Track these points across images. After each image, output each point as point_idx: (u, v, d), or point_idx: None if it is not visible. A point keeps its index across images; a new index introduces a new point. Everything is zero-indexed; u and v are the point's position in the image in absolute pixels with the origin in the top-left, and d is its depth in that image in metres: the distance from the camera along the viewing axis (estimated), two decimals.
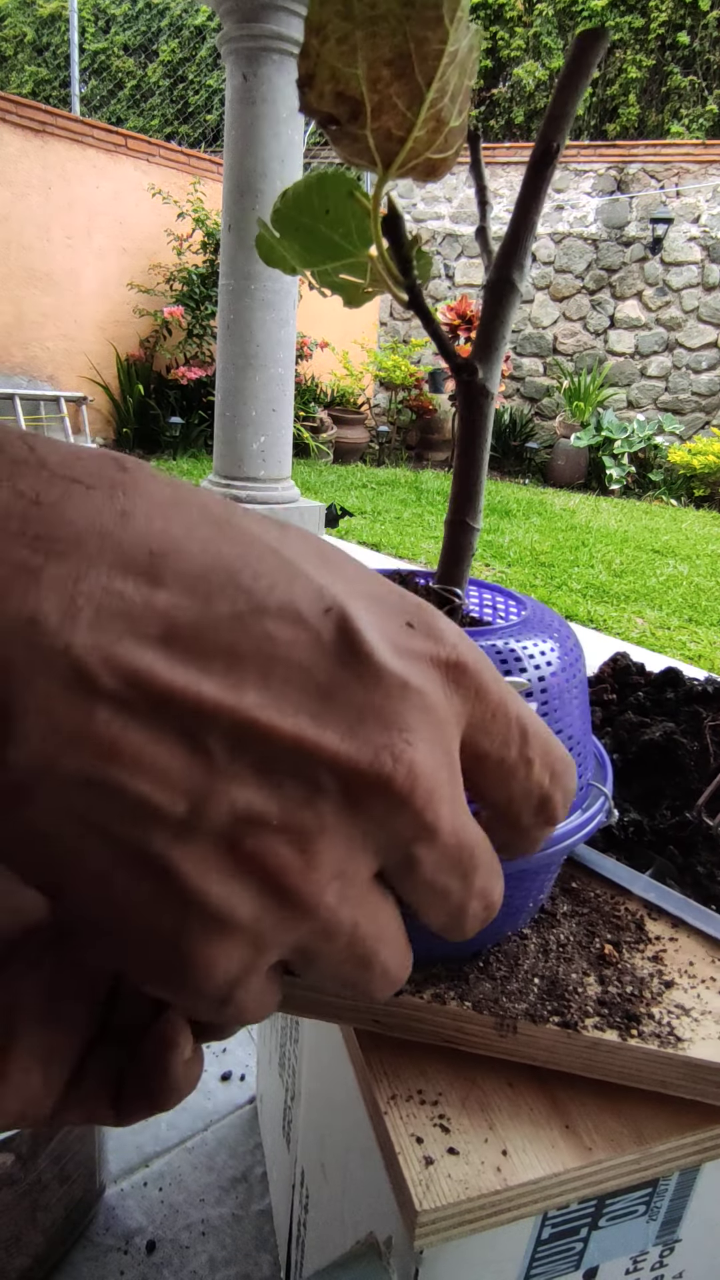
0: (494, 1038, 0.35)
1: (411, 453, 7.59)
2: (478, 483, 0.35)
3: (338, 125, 0.29)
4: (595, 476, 6.83)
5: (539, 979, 0.36)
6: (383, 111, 0.28)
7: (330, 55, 0.27)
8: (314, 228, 0.34)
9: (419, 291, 0.33)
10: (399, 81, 0.28)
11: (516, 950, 0.38)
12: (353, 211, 0.33)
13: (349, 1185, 0.41)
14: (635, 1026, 0.35)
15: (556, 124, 0.30)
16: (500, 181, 7.12)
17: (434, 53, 0.27)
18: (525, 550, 4.07)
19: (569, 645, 0.36)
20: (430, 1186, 0.30)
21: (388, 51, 0.27)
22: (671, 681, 0.59)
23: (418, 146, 0.30)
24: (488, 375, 0.33)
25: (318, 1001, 0.35)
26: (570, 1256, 0.36)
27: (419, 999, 0.35)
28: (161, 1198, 0.73)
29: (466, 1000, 0.35)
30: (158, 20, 8.79)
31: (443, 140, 0.30)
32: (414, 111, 0.29)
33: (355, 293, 0.37)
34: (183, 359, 6.22)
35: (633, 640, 2.84)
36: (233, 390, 3.07)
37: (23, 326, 5.62)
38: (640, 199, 6.98)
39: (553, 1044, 0.34)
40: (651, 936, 0.41)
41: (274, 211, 0.35)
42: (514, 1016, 0.34)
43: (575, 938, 0.39)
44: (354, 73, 0.27)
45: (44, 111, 5.43)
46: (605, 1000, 0.36)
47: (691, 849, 0.47)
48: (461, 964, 0.37)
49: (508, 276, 0.32)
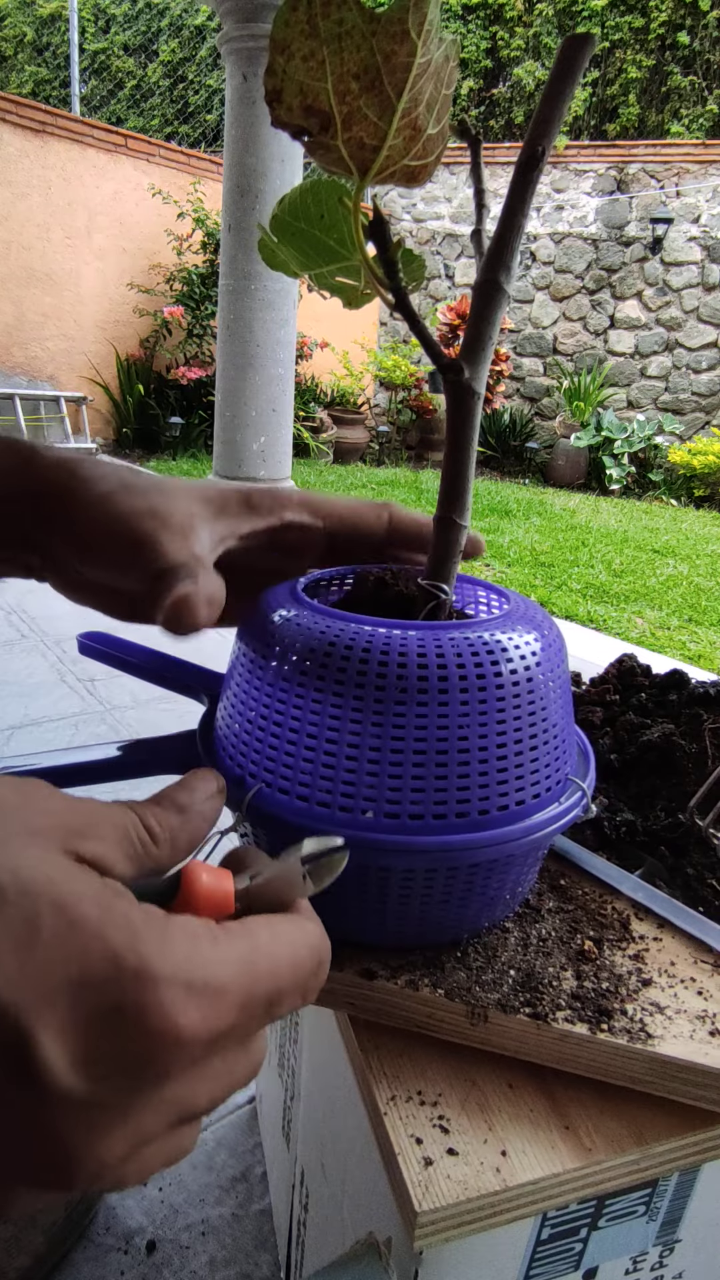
0: (465, 1025, 0.35)
1: (411, 453, 7.58)
2: (465, 480, 0.36)
3: (310, 136, 0.30)
4: (595, 476, 6.82)
5: (515, 971, 0.37)
6: (353, 122, 0.29)
7: (296, 71, 0.28)
8: (310, 233, 0.35)
9: (404, 294, 0.34)
10: (368, 94, 0.29)
11: (496, 943, 0.38)
12: (344, 217, 0.34)
13: (349, 1185, 0.41)
14: (606, 1021, 0.35)
15: (543, 129, 0.31)
16: (500, 181, 7.10)
17: (403, 65, 0.28)
18: (525, 550, 4.07)
19: (551, 637, 0.36)
20: (430, 1187, 0.30)
21: (354, 65, 0.28)
22: (676, 683, 0.59)
23: (393, 154, 0.31)
24: (474, 375, 0.34)
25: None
26: (570, 1257, 0.36)
27: (393, 984, 0.35)
28: (161, 1198, 0.73)
29: (440, 988, 0.35)
30: (158, 20, 8.79)
31: (420, 148, 0.31)
32: (386, 121, 0.29)
33: (353, 295, 0.38)
34: (183, 359, 6.22)
35: (632, 640, 2.84)
36: (233, 390, 3.07)
37: (23, 326, 5.62)
38: (640, 199, 6.98)
39: (523, 1034, 0.35)
40: (635, 936, 0.41)
41: (272, 218, 0.35)
42: (485, 1005, 0.35)
43: (557, 933, 0.40)
44: (322, 86, 0.28)
45: (44, 111, 5.43)
46: (579, 994, 0.36)
47: (682, 851, 0.47)
48: (440, 953, 0.37)
49: (494, 279, 0.33)
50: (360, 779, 0.32)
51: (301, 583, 0.39)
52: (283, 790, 0.33)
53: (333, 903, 0.34)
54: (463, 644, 0.33)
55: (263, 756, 0.34)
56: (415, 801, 0.32)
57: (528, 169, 0.31)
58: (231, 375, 3.06)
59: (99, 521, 0.34)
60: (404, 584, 0.40)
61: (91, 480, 0.35)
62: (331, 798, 0.32)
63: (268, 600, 0.37)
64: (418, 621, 0.35)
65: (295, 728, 0.33)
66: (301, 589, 0.38)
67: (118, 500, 0.34)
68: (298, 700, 0.33)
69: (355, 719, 0.32)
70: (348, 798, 0.32)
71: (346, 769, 0.32)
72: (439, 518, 0.37)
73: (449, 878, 0.34)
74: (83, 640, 0.50)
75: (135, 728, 1.66)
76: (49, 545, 0.36)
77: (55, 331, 5.79)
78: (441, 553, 0.37)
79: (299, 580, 0.39)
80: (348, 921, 0.36)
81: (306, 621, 0.34)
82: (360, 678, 0.32)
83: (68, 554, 0.35)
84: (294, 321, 3.11)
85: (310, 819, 0.32)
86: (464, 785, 0.32)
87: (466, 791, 0.32)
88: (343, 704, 0.32)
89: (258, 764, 0.34)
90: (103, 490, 0.34)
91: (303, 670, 0.33)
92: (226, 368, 3.07)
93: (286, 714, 0.33)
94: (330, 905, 0.35)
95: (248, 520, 0.38)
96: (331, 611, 0.35)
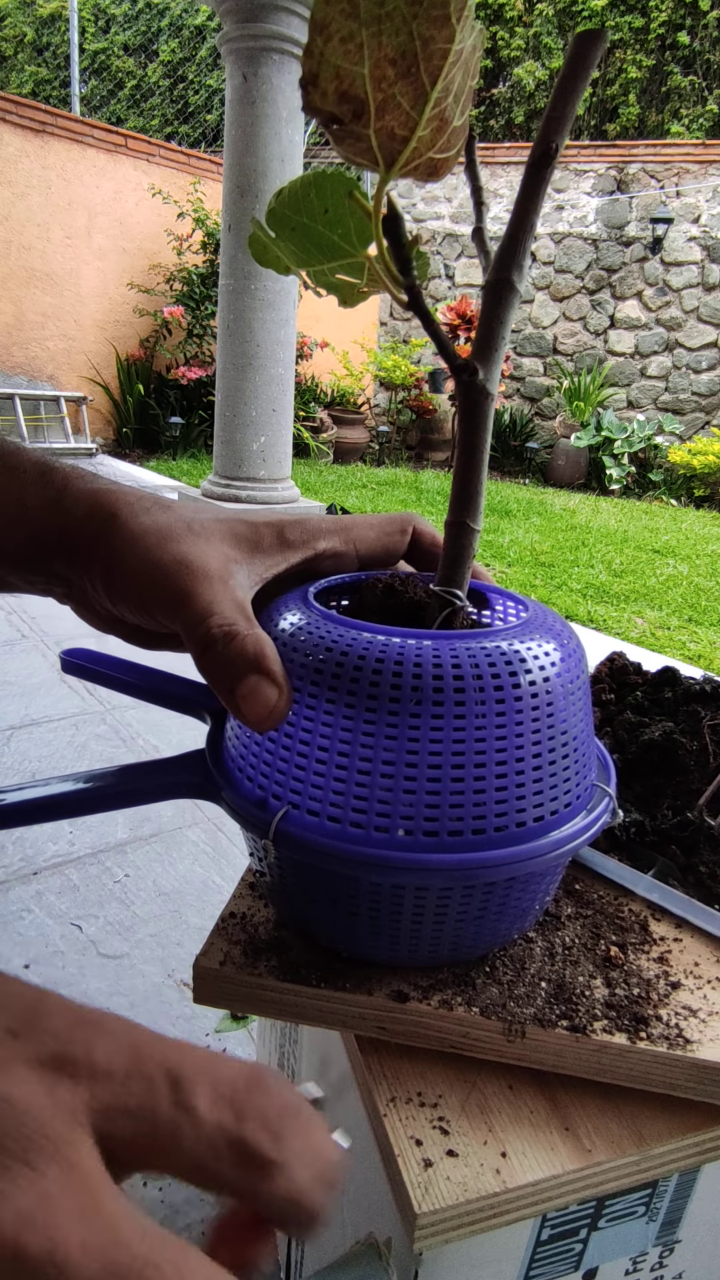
0: (501, 1043, 0.34)
1: (411, 453, 7.58)
2: (478, 483, 0.35)
3: (340, 125, 0.29)
4: (595, 476, 6.82)
5: (546, 982, 0.36)
6: (386, 111, 0.28)
7: (334, 54, 0.27)
8: (311, 227, 0.34)
9: (419, 292, 0.33)
10: (403, 81, 0.27)
11: (522, 954, 0.38)
12: (351, 211, 0.33)
13: (348, 1186, 0.41)
14: (644, 1029, 0.34)
15: (556, 125, 0.30)
16: (500, 181, 7.12)
17: (439, 52, 0.27)
18: (525, 550, 4.07)
19: (571, 647, 0.35)
20: (429, 1189, 0.30)
21: (392, 50, 0.27)
22: (669, 681, 0.59)
23: (420, 146, 0.30)
24: (487, 376, 0.33)
25: (324, 1009, 0.35)
26: (570, 1258, 0.36)
27: (426, 1005, 0.34)
28: (161, 1198, 0.73)
29: (474, 1006, 0.34)
30: (158, 20, 8.79)
31: (445, 140, 0.30)
32: (418, 111, 0.28)
33: (351, 292, 0.37)
34: (183, 359, 6.22)
35: (632, 640, 2.84)
36: (233, 390, 3.07)
37: (23, 326, 5.62)
38: (640, 199, 6.97)
39: (561, 1048, 0.34)
40: (656, 937, 0.40)
41: (269, 211, 0.34)
42: (522, 1021, 0.34)
43: (580, 940, 0.39)
44: (359, 71, 0.27)
45: (44, 111, 5.43)
46: (613, 1003, 0.35)
47: (693, 849, 0.47)
48: (468, 969, 0.36)
49: (506, 277, 0.32)
50: (397, 796, 0.31)
51: (312, 591, 0.37)
52: (312, 812, 0.31)
53: (364, 926, 0.34)
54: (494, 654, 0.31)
55: (288, 777, 0.32)
56: (454, 818, 0.31)
57: (541, 165, 0.30)
58: (231, 375, 3.06)
59: (134, 570, 0.33)
60: (413, 590, 0.39)
61: (125, 523, 0.33)
62: (365, 818, 0.31)
63: (280, 610, 0.36)
64: (446, 631, 0.33)
65: (325, 745, 0.31)
66: (314, 597, 0.37)
67: (153, 548, 0.33)
68: (327, 717, 0.31)
69: (390, 734, 0.31)
70: (383, 817, 0.31)
71: (382, 786, 0.31)
72: (452, 522, 0.35)
73: (485, 893, 0.33)
74: (66, 658, 0.46)
75: (135, 727, 1.66)
76: (79, 581, 0.35)
77: (55, 331, 5.79)
78: (454, 557, 0.36)
79: (308, 589, 0.38)
80: (379, 944, 0.35)
81: (332, 634, 0.33)
82: (395, 691, 0.31)
83: (98, 593, 0.35)
84: (294, 321, 3.11)
85: (343, 840, 0.31)
86: (502, 799, 0.31)
87: (504, 805, 0.31)
88: (376, 719, 0.31)
89: (283, 784, 0.32)
90: (137, 535, 0.33)
91: (333, 685, 0.31)
92: (226, 368, 3.07)
93: (315, 731, 0.32)
94: (361, 929, 0.34)
95: (283, 555, 0.37)
96: (353, 622, 0.33)
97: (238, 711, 0.31)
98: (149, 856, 1.28)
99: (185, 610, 0.32)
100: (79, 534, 0.34)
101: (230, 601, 0.32)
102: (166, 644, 0.38)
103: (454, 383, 0.34)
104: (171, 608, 0.32)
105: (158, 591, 0.32)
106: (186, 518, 0.35)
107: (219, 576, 0.33)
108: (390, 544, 0.41)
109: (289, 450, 3.24)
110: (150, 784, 0.38)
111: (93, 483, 0.35)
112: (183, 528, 0.34)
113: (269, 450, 3.15)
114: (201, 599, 0.32)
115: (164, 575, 0.32)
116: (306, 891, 0.35)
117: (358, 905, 0.33)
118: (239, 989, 0.36)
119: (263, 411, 3.08)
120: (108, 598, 0.34)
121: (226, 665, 0.31)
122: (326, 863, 0.31)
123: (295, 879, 0.35)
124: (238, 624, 0.31)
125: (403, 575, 0.40)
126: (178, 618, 0.32)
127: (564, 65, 0.30)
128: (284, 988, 0.35)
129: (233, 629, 0.31)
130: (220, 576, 0.33)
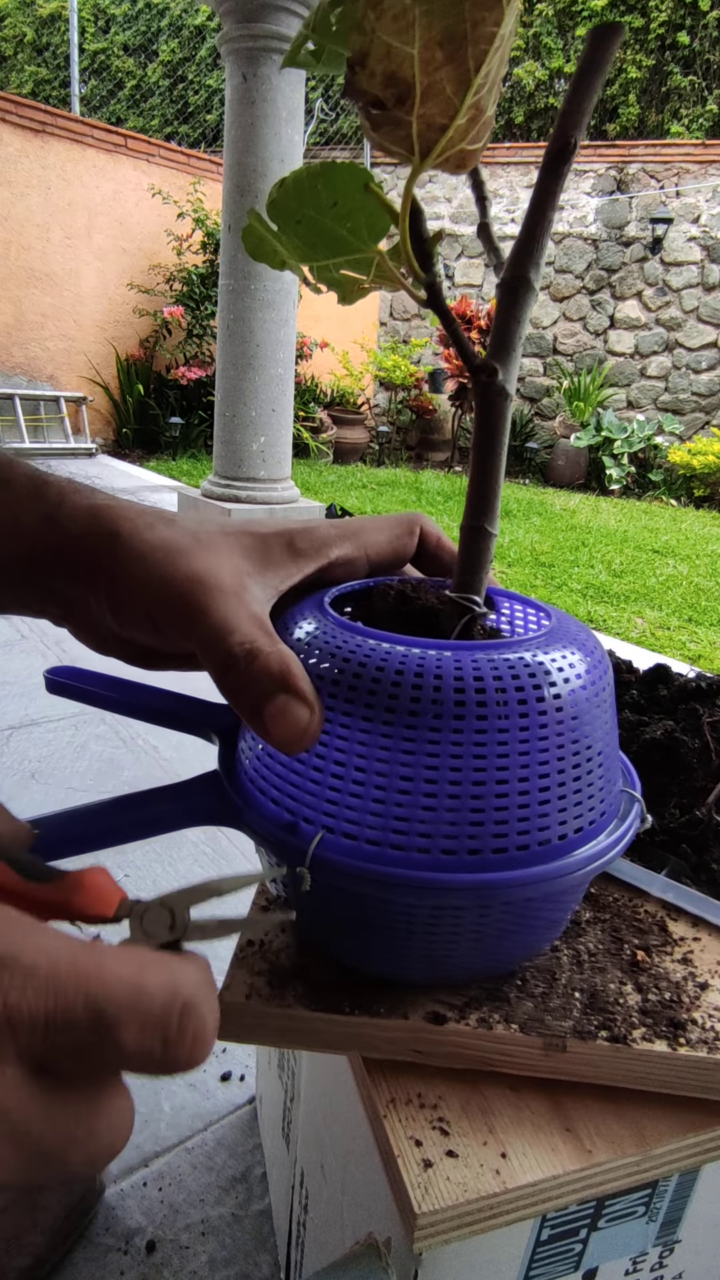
0: (540, 1058, 0.33)
1: (411, 453, 7.58)
2: (495, 487, 0.34)
3: (383, 109, 0.28)
4: (595, 476, 6.82)
5: (579, 992, 0.35)
6: (430, 96, 0.27)
7: (386, 30, 0.26)
8: (318, 220, 0.32)
9: (439, 289, 0.32)
10: (450, 65, 0.27)
11: (550, 963, 0.37)
12: (363, 205, 0.31)
13: (348, 1186, 0.41)
14: (681, 1034, 0.34)
15: (574, 119, 0.29)
16: (500, 181, 7.12)
17: (487, 35, 0.26)
18: (525, 550, 4.07)
19: (596, 657, 0.34)
20: (429, 1189, 0.30)
21: (441, 31, 0.26)
22: (661, 678, 0.59)
23: (455, 136, 0.29)
24: (507, 376, 0.32)
25: (357, 1036, 0.34)
26: (569, 1258, 0.36)
27: (464, 1025, 0.33)
28: (161, 1198, 0.73)
29: (512, 1022, 0.34)
30: (158, 20, 8.79)
31: (477, 131, 0.29)
32: (459, 98, 0.28)
33: (352, 289, 0.35)
34: (183, 359, 6.22)
35: (632, 640, 2.84)
36: (233, 390, 3.07)
37: (22, 326, 5.62)
38: (640, 199, 6.98)
39: (600, 1059, 0.33)
40: (675, 938, 0.40)
41: (270, 203, 0.32)
42: (561, 1035, 0.33)
43: (604, 945, 0.38)
44: (408, 52, 0.26)
45: (44, 111, 5.43)
46: (646, 1009, 0.35)
47: (704, 847, 0.47)
48: (499, 983, 0.35)
49: (524, 275, 0.31)
50: (439, 815, 0.29)
51: (327, 599, 0.36)
52: (349, 835, 0.30)
53: (400, 948, 0.33)
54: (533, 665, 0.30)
55: (319, 799, 0.30)
56: (498, 835, 0.30)
57: (559, 160, 0.29)
58: (231, 375, 3.06)
59: (143, 588, 0.31)
60: (425, 596, 0.37)
61: (129, 539, 0.32)
62: (406, 838, 0.29)
63: (297, 621, 0.34)
64: (473, 642, 0.32)
65: (362, 764, 0.30)
66: (329, 605, 0.35)
67: (162, 564, 0.31)
68: (363, 735, 0.30)
69: (432, 750, 0.29)
70: (424, 837, 0.29)
71: (424, 806, 0.29)
72: (468, 526, 0.34)
73: (523, 908, 0.32)
74: (51, 678, 0.43)
75: (135, 728, 1.65)
76: (80, 601, 0.33)
77: (55, 331, 5.79)
78: (471, 563, 0.35)
79: (323, 599, 0.36)
80: (415, 965, 0.34)
81: (364, 647, 0.31)
82: (436, 707, 0.29)
83: (100, 612, 0.33)
84: (294, 321, 3.11)
85: (385, 863, 0.29)
86: (544, 813, 0.30)
87: (546, 818, 0.31)
88: (416, 735, 0.29)
89: (314, 807, 0.31)
90: (143, 551, 0.32)
91: (369, 702, 0.30)
92: (226, 368, 3.07)
93: (350, 750, 0.30)
94: (396, 951, 0.33)
95: (296, 566, 0.36)
96: (378, 633, 0.32)
97: (266, 734, 0.29)
98: (149, 856, 1.28)
99: (201, 628, 0.30)
100: (78, 551, 0.32)
101: (248, 617, 0.31)
102: (172, 664, 0.37)
103: (471, 384, 0.33)
104: (185, 626, 0.31)
105: (169, 609, 0.31)
106: (192, 531, 0.33)
107: (233, 591, 0.32)
108: (400, 547, 0.40)
109: (289, 450, 3.24)
110: (159, 813, 0.35)
111: (90, 497, 0.33)
112: (190, 542, 0.33)
113: (269, 450, 3.14)
114: (218, 616, 0.30)
115: (176, 592, 0.31)
116: (338, 916, 0.33)
117: (394, 927, 0.32)
118: (266, 1022, 0.34)
119: (262, 412, 3.08)
120: (113, 617, 0.33)
121: (251, 685, 0.29)
122: (367, 888, 0.30)
123: (325, 903, 0.33)
124: (259, 640, 0.30)
125: (414, 581, 0.39)
126: (193, 636, 0.31)
127: (581, 59, 0.29)
128: (315, 1017, 0.34)
129: (254, 646, 0.30)
130: (235, 591, 0.32)
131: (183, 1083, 0.84)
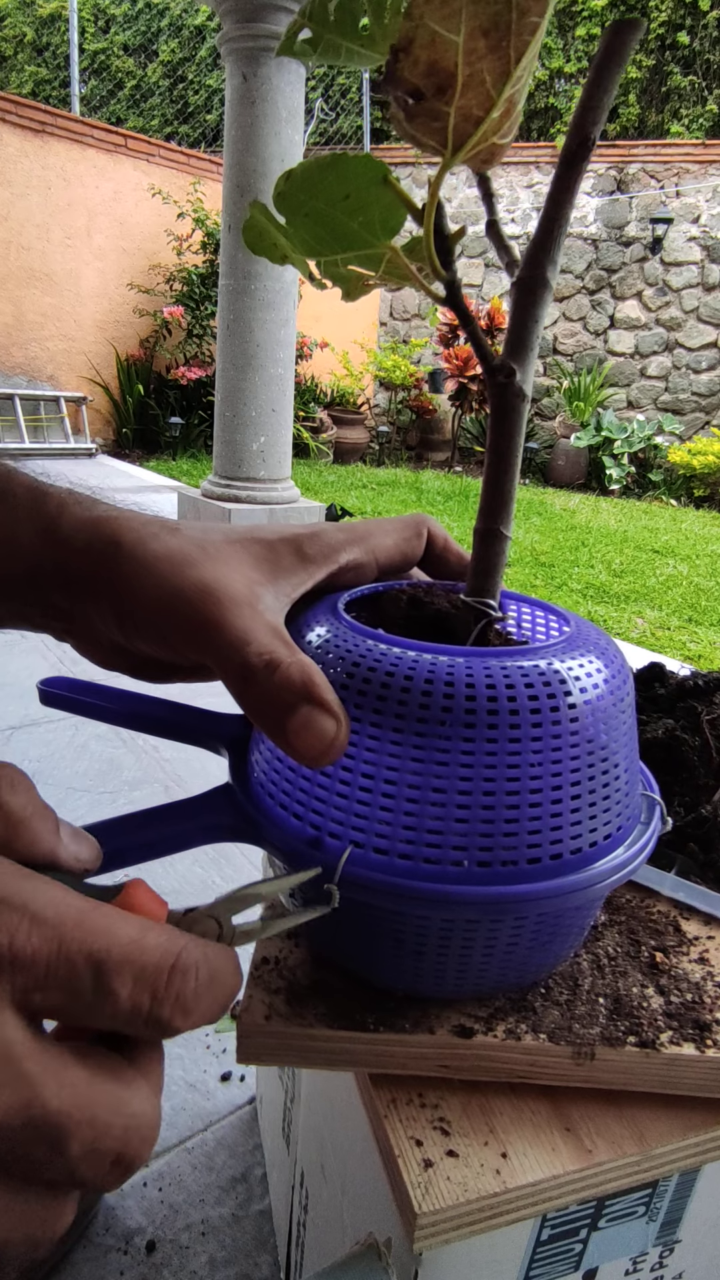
0: (569, 1067, 0.33)
1: (411, 453, 7.58)
2: (510, 489, 0.33)
3: (420, 100, 0.27)
4: (595, 476, 6.82)
5: (602, 998, 0.35)
6: (470, 87, 0.27)
7: (433, 15, 0.25)
8: (328, 213, 0.30)
9: (459, 287, 0.31)
10: (492, 55, 0.26)
11: (572, 969, 0.36)
12: (378, 199, 0.30)
13: (348, 1186, 0.41)
14: (708, 1036, 0.33)
15: (593, 115, 0.28)
16: (500, 182, 7.12)
17: (530, 25, 0.26)
18: (525, 550, 4.07)
19: (617, 665, 0.33)
20: (429, 1189, 0.30)
21: (486, 19, 0.25)
22: (657, 677, 0.60)
23: (488, 130, 0.28)
24: (524, 377, 0.31)
25: (382, 1054, 0.34)
26: (570, 1258, 0.36)
27: (492, 1038, 0.33)
28: (161, 1198, 0.73)
29: (540, 1032, 0.33)
30: (158, 20, 8.79)
31: (508, 126, 0.29)
32: (497, 90, 0.27)
33: (357, 285, 0.34)
34: (183, 359, 6.22)
35: (633, 640, 2.84)
36: (233, 390, 3.07)
37: (23, 326, 5.62)
38: (640, 199, 6.98)
39: (629, 1065, 0.33)
40: (690, 937, 0.40)
41: (277, 194, 0.31)
42: (590, 1043, 0.33)
43: (622, 948, 0.38)
44: (453, 40, 0.26)
45: (44, 111, 5.43)
46: (670, 1012, 0.34)
47: (711, 844, 0.47)
48: (524, 992, 0.35)
49: (540, 274, 0.30)
50: (474, 827, 0.28)
51: (341, 604, 0.35)
52: (379, 850, 0.29)
53: (429, 964, 0.32)
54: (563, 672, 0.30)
55: (347, 812, 0.29)
56: (532, 845, 0.29)
57: (577, 157, 0.29)
58: (231, 375, 3.06)
59: (151, 600, 0.30)
60: (438, 601, 0.37)
61: (133, 550, 0.31)
62: (440, 851, 0.29)
63: (311, 628, 0.33)
64: (494, 649, 0.31)
65: (393, 777, 0.29)
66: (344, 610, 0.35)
67: (169, 575, 0.30)
68: (393, 747, 0.29)
69: (466, 761, 0.28)
70: (458, 850, 0.29)
71: (458, 818, 0.28)
72: (483, 529, 0.33)
73: (555, 919, 0.32)
74: (45, 689, 0.41)
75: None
76: (83, 615, 0.33)
77: (55, 331, 5.79)
78: (485, 566, 0.34)
79: (337, 604, 0.35)
80: (445, 980, 0.33)
81: (390, 655, 0.30)
82: (470, 716, 0.28)
83: (104, 626, 0.32)
84: (294, 321, 3.11)
85: (418, 878, 0.29)
86: (576, 820, 0.30)
87: (578, 826, 0.30)
88: (450, 746, 0.28)
89: (342, 820, 0.30)
90: (149, 562, 0.31)
91: (399, 713, 0.29)
92: (226, 368, 3.07)
93: (380, 762, 0.29)
94: (425, 966, 0.32)
95: (306, 573, 0.35)
96: (403, 640, 0.31)
97: (290, 748, 0.28)
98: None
99: (216, 641, 0.29)
100: (80, 565, 0.31)
101: (264, 627, 0.30)
102: (179, 676, 0.36)
103: (488, 384, 0.32)
104: (199, 639, 0.30)
105: (179, 622, 0.30)
106: (198, 540, 0.32)
107: (246, 601, 0.30)
108: (408, 550, 0.40)
109: (289, 450, 3.24)
110: (175, 832, 0.33)
111: (91, 509, 0.32)
112: (197, 551, 0.32)
113: (269, 450, 3.14)
114: (233, 627, 0.29)
115: (186, 604, 0.30)
116: (364, 932, 0.32)
117: (424, 942, 0.31)
118: (286, 1042, 0.33)
119: (262, 411, 3.08)
120: (120, 631, 0.32)
121: (273, 698, 0.28)
122: (399, 904, 0.29)
123: (351, 920, 0.32)
124: (278, 651, 0.29)
125: (424, 585, 0.39)
126: (207, 649, 0.30)
127: (598, 54, 0.29)
128: (337, 1035, 0.33)
129: (274, 657, 0.28)
130: (248, 601, 0.31)
131: (183, 1083, 0.84)
